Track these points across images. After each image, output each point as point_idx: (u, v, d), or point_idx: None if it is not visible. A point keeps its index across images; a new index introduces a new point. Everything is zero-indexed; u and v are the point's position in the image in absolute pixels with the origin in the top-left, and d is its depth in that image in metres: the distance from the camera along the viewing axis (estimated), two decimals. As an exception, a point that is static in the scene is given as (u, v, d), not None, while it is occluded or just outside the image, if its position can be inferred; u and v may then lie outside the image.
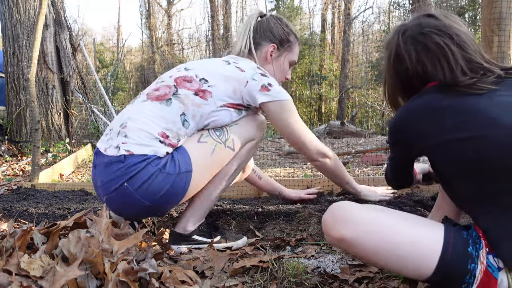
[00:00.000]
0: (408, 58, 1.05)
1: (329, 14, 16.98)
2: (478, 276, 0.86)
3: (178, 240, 1.43)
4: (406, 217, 0.94)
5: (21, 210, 2.25)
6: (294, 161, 4.80)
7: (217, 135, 1.38)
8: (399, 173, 1.22)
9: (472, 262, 0.86)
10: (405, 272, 0.91)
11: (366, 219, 0.91)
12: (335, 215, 0.94)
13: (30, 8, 5.39)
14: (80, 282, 0.86)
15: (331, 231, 0.92)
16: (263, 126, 1.52)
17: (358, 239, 0.89)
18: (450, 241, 0.88)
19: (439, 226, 0.92)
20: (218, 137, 1.38)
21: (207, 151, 1.34)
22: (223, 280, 1.13)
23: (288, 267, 1.10)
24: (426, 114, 0.96)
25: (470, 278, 0.87)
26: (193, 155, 1.31)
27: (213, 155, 1.36)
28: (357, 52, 15.87)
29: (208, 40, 17.25)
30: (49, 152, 5.10)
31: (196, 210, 1.46)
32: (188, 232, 1.44)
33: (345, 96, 14.20)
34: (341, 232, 0.90)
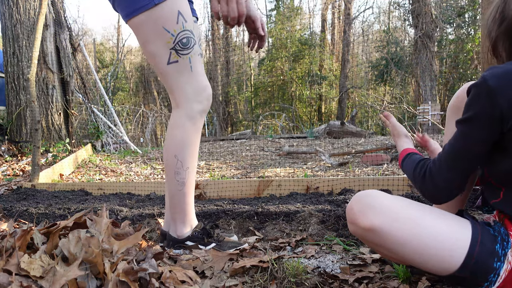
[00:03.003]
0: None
1: (329, 14, 16.99)
2: (502, 274, 0.85)
3: (172, 244, 1.40)
4: (433, 211, 0.92)
5: (21, 210, 2.25)
6: (294, 161, 4.80)
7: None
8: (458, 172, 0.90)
9: (498, 261, 0.84)
10: (430, 266, 0.88)
11: (397, 208, 0.88)
12: (363, 202, 0.89)
13: (30, 8, 5.39)
14: (80, 282, 0.86)
15: (358, 219, 0.88)
16: None
17: (389, 228, 0.86)
18: (478, 238, 0.86)
19: (466, 221, 0.89)
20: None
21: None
22: (223, 280, 1.13)
23: (288, 267, 1.10)
24: None
25: (494, 277, 0.85)
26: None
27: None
28: (357, 52, 15.89)
29: (208, 40, 17.25)
30: (49, 152, 5.10)
31: (177, 210, 1.39)
32: (182, 238, 1.39)
33: (345, 96, 14.20)
34: (372, 220, 0.86)
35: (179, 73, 1.29)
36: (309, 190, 2.64)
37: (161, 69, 1.30)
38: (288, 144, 6.52)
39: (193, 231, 1.39)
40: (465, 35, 11.35)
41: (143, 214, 1.98)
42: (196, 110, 1.32)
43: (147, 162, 5.16)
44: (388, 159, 4.08)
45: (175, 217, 1.39)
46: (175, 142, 1.33)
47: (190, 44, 1.28)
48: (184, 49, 1.27)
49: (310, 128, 9.66)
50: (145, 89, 15.91)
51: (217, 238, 1.44)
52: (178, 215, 1.39)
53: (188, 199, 1.38)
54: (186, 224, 1.40)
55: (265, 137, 8.08)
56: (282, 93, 15.29)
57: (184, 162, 1.34)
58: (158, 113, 10.69)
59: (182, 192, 1.36)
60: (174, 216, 1.40)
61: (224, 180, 2.93)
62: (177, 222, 1.40)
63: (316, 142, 6.62)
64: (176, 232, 1.40)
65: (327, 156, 4.50)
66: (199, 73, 1.33)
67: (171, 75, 1.30)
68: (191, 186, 1.38)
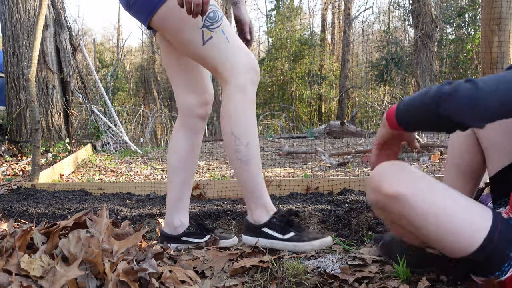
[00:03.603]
0: None
1: (329, 14, 16.99)
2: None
3: (249, 230, 1.34)
4: (456, 191, 0.91)
5: (21, 210, 2.25)
6: (294, 161, 4.80)
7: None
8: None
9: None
10: (447, 244, 0.87)
11: (424, 179, 0.87)
12: (389, 170, 0.89)
13: (30, 8, 5.39)
14: (80, 282, 0.86)
15: (383, 185, 0.86)
16: None
17: (414, 197, 0.84)
18: (498, 224, 0.85)
19: (487, 208, 0.88)
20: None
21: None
22: (223, 280, 1.13)
23: (288, 267, 1.10)
24: None
25: (507, 266, 0.85)
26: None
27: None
28: (357, 52, 15.88)
29: (208, 40, 17.18)
30: (49, 152, 5.10)
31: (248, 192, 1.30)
32: (258, 223, 1.30)
33: (345, 96, 14.20)
34: (398, 187, 0.85)
35: (217, 48, 1.24)
36: (309, 190, 2.64)
37: (199, 53, 1.25)
38: (288, 144, 6.52)
39: (271, 217, 1.29)
40: (465, 35, 11.35)
41: (143, 214, 1.98)
42: (245, 81, 1.25)
43: (147, 162, 5.16)
44: (388, 159, 4.08)
45: (249, 201, 1.31)
46: (228, 118, 1.26)
47: (218, 17, 1.24)
48: (214, 23, 1.23)
49: (310, 128, 9.66)
50: (145, 89, 15.90)
51: (297, 227, 1.32)
52: (251, 198, 1.30)
53: (256, 179, 1.28)
54: (262, 208, 1.30)
55: (265, 137, 8.09)
56: (282, 93, 15.29)
57: (242, 137, 1.25)
58: (158, 113, 10.69)
59: (248, 171, 1.26)
60: (248, 200, 1.32)
61: (224, 180, 2.93)
62: (251, 207, 1.32)
63: (316, 142, 6.62)
64: (253, 217, 1.31)
65: (327, 156, 4.50)
66: (238, 44, 1.28)
67: (210, 53, 1.24)
68: (257, 164, 1.28)
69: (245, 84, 1.26)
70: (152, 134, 9.84)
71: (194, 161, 1.49)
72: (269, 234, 1.28)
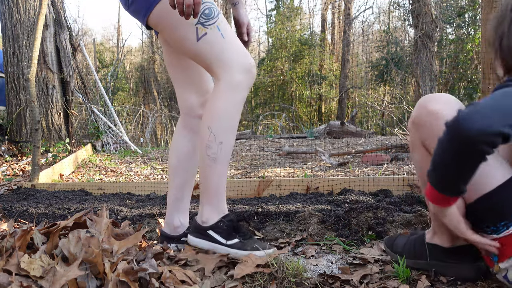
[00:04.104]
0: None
1: (329, 14, 16.98)
2: (510, 230, 0.89)
3: (194, 231, 1.31)
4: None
5: (21, 210, 2.25)
6: (294, 161, 4.80)
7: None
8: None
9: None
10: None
11: (458, 103, 0.96)
12: (439, 96, 0.99)
13: (30, 8, 5.39)
14: (80, 282, 0.86)
15: (429, 103, 0.97)
16: None
17: (447, 112, 0.92)
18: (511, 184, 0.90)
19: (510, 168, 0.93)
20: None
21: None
22: (223, 280, 1.13)
23: (288, 267, 1.10)
24: None
25: (503, 227, 0.90)
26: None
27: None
28: (357, 52, 15.88)
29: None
30: (49, 152, 5.10)
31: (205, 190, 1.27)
32: (205, 225, 1.27)
33: (345, 96, 14.20)
34: (441, 107, 0.95)
35: (211, 44, 1.21)
36: (309, 190, 2.64)
37: (193, 50, 1.23)
38: (288, 144, 6.52)
39: (219, 221, 1.26)
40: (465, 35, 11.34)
41: (143, 214, 1.98)
42: (237, 80, 1.22)
43: (147, 162, 5.16)
44: (388, 159, 4.08)
45: (203, 198, 1.29)
46: (210, 113, 1.23)
47: (213, 14, 1.23)
48: (209, 19, 1.22)
49: (310, 128, 9.66)
50: (145, 89, 15.90)
51: (243, 234, 1.29)
52: (206, 196, 1.28)
53: (218, 179, 1.26)
54: (213, 209, 1.28)
55: (265, 137, 8.08)
56: (282, 93, 15.29)
57: (218, 135, 1.22)
58: (158, 113, 10.69)
59: (212, 170, 1.24)
60: (202, 197, 1.29)
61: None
62: (204, 205, 1.29)
63: (316, 142, 6.62)
64: (202, 217, 1.29)
65: (327, 156, 4.50)
66: (234, 42, 1.25)
67: (204, 50, 1.22)
68: (224, 166, 1.25)
69: (237, 83, 1.22)
70: (152, 134, 9.84)
71: (196, 161, 1.48)
72: (213, 238, 1.26)
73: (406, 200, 1.93)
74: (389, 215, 1.56)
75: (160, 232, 1.52)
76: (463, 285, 1.03)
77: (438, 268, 1.08)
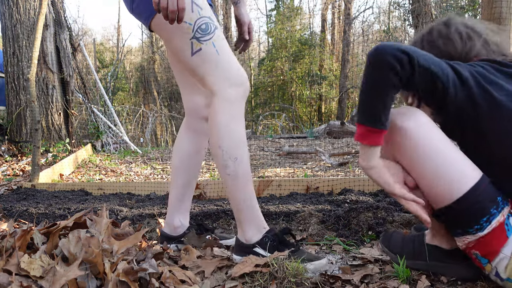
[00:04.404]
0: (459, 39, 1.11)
1: (329, 14, 16.98)
2: (493, 224, 0.91)
3: (238, 250, 1.28)
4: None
5: (21, 210, 2.25)
6: (294, 161, 4.80)
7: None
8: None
9: (496, 209, 0.91)
10: (439, 185, 0.94)
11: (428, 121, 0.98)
12: (405, 110, 1.01)
13: (30, 8, 5.39)
14: (80, 282, 0.86)
15: (396, 120, 0.99)
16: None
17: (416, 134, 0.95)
18: (486, 180, 0.93)
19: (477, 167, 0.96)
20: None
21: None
22: (223, 280, 1.13)
23: (288, 267, 1.10)
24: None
25: (486, 223, 0.91)
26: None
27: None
28: (357, 52, 15.87)
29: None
30: (49, 152, 5.10)
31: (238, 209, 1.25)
32: (250, 243, 1.25)
33: (345, 96, 14.20)
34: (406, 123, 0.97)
35: (205, 60, 1.22)
36: (309, 190, 2.64)
37: (188, 64, 1.24)
38: (288, 144, 6.52)
39: (263, 236, 1.24)
40: (465, 35, 11.35)
41: (143, 214, 1.98)
42: (232, 95, 1.22)
43: (147, 162, 5.16)
44: (388, 159, 4.07)
45: (239, 217, 1.26)
46: (214, 130, 1.22)
47: (210, 29, 1.22)
48: (205, 35, 1.21)
49: (310, 128, 9.66)
50: (145, 89, 15.90)
51: (292, 246, 1.25)
52: (241, 214, 1.25)
53: (245, 194, 1.23)
54: (253, 226, 1.25)
55: (265, 137, 8.09)
56: (282, 93, 15.29)
57: (229, 151, 1.20)
58: (158, 113, 10.69)
59: (238, 187, 1.22)
60: (238, 217, 1.27)
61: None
62: (243, 224, 1.26)
63: (316, 142, 6.62)
64: (245, 236, 1.26)
65: (327, 156, 4.50)
66: (229, 57, 1.25)
67: (198, 66, 1.23)
68: (246, 179, 1.23)
69: (232, 97, 1.22)
70: (152, 134, 9.84)
71: (198, 162, 1.48)
72: (261, 254, 1.23)
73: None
74: (389, 215, 1.56)
75: (160, 232, 1.52)
76: (463, 285, 1.03)
77: (438, 268, 1.08)
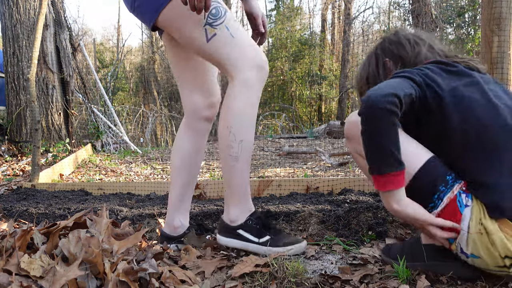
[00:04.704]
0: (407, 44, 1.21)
1: (329, 14, 16.98)
2: (445, 201, 0.97)
3: (223, 231, 1.30)
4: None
5: (21, 210, 2.25)
6: (294, 161, 4.80)
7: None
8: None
9: (444, 186, 0.98)
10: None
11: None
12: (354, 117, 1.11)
13: (30, 8, 5.39)
14: (80, 282, 0.86)
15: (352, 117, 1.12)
16: None
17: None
18: (435, 160, 1.01)
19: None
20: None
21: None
22: (223, 280, 1.13)
23: (288, 267, 1.10)
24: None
25: (438, 200, 0.98)
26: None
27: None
28: (357, 52, 15.86)
29: (208, 40, 17.16)
30: (49, 152, 5.10)
31: (230, 189, 1.28)
32: (234, 224, 1.28)
33: (345, 96, 14.19)
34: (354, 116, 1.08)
35: (221, 44, 1.22)
36: (309, 190, 2.64)
37: (204, 50, 1.24)
38: (288, 144, 6.52)
39: (247, 219, 1.27)
40: (465, 35, 11.35)
41: (143, 214, 1.98)
42: (251, 78, 1.23)
43: (147, 162, 5.16)
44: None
45: (228, 198, 1.29)
46: (228, 112, 1.24)
47: (220, 13, 1.23)
48: (217, 19, 1.22)
49: (310, 128, 9.66)
50: (145, 89, 15.90)
51: (274, 230, 1.30)
52: (231, 196, 1.28)
53: (242, 178, 1.26)
54: (240, 208, 1.28)
55: (265, 137, 8.09)
56: (282, 93, 15.29)
57: (238, 134, 1.23)
58: (158, 113, 10.69)
59: (235, 168, 1.25)
60: (227, 197, 1.30)
61: (224, 180, 2.92)
62: (230, 205, 1.29)
63: (316, 142, 6.62)
64: (230, 216, 1.29)
65: (327, 156, 4.50)
66: (244, 39, 1.26)
67: (215, 51, 1.23)
68: (246, 164, 1.26)
69: (250, 79, 1.23)
70: (152, 134, 9.84)
71: (198, 162, 1.48)
72: (244, 237, 1.27)
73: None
74: (389, 215, 1.56)
75: (160, 232, 1.52)
76: (463, 285, 1.03)
77: (437, 268, 1.08)
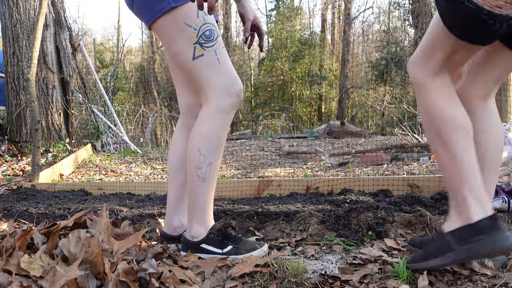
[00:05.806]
0: None
1: (329, 14, 16.99)
2: None
3: (186, 248, 1.35)
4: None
5: (21, 210, 2.25)
6: (294, 161, 4.80)
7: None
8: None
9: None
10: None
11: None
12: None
13: (30, 8, 5.39)
14: (80, 282, 0.86)
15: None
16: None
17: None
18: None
19: None
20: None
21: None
22: (223, 280, 1.13)
23: (288, 267, 1.10)
24: None
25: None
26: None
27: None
28: (357, 52, 15.88)
29: (208, 40, 17.17)
30: (49, 152, 5.10)
31: (194, 207, 1.33)
32: (196, 239, 1.32)
33: (345, 96, 14.20)
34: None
35: (206, 66, 1.26)
36: (309, 190, 2.64)
37: (187, 66, 1.27)
38: (288, 144, 6.52)
39: (208, 233, 1.32)
40: (465, 35, 11.33)
41: (143, 214, 1.98)
42: (226, 104, 1.27)
43: (147, 162, 5.16)
44: (388, 159, 4.08)
45: (192, 215, 1.33)
46: (200, 135, 1.28)
47: (213, 36, 1.26)
48: (208, 42, 1.25)
49: (310, 128, 9.66)
50: (145, 89, 15.91)
51: (234, 239, 1.35)
52: (195, 213, 1.32)
53: (207, 197, 1.31)
54: (202, 224, 1.33)
55: (265, 137, 8.09)
56: (282, 93, 15.29)
57: (208, 156, 1.27)
58: (158, 113, 10.69)
59: (202, 188, 1.30)
60: (191, 214, 1.33)
61: (224, 180, 2.93)
62: (193, 222, 1.33)
63: (316, 142, 6.62)
64: (191, 233, 1.33)
65: (327, 156, 4.50)
66: (227, 66, 1.30)
67: (198, 70, 1.27)
68: (212, 184, 1.31)
69: (226, 107, 1.28)
70: (152, 134, 9.84)
71: None
72: (208, 250, 1.31)
73: (406, 200, 1.93)
74: (389, 215, 1.56)
75: (160, 232, 1.52)
76: (464, 285, 1.03)
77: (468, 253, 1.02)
